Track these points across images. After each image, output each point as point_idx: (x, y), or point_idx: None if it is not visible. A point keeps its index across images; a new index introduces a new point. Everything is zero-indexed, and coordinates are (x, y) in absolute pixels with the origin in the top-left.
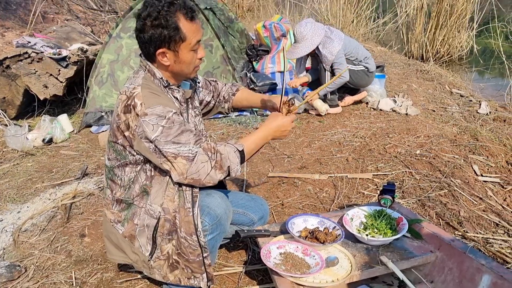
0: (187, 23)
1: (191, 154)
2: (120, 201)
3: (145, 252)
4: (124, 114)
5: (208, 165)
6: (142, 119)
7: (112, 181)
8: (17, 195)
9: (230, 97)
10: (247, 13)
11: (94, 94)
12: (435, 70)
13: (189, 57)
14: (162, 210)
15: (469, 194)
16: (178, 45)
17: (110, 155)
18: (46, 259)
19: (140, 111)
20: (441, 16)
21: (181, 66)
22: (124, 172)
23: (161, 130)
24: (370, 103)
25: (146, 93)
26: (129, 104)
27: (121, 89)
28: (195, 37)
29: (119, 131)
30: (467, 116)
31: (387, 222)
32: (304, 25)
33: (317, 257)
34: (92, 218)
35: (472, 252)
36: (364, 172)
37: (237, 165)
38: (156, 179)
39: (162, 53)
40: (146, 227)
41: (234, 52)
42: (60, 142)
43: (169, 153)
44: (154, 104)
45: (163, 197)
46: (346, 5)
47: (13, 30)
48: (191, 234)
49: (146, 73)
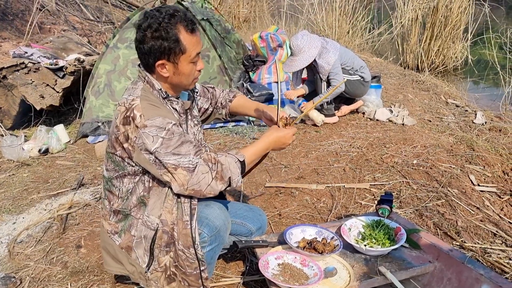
0: (188, 35)
1: (192, 165)
2: (117, 212)
3: (142, 264)
4: (123, 125)
5: (209, 176)
6: (141, 131)
7: (110, 192)
8: (12, 206)
9: (227, 103)
10: (243, 23)
11: (90, 105)
12: (430, 81)
13: (189, 69)
14: (160, 222)
15: (466, 204)
16: (178, 57)
17: (109, 166)
18: (42, 270)
19: (139, 122)
20: (436, 27)
21: (180, 78)
22: (123, 183)
23: (161, 142)
24: (367, 113)
25: (145, 104)
26: (128, 116)
27: (120, 100)
28: (195, 49)
29: (118, 142)
30: (463, 126)
31: (385, 232)
32: (300, 37)
33: (316, 268)
34: (88, 228)
35: (470, 262)
36: (361, 182)
37: (238, 176)
38: (154, 190)
39: (161, 65)
40: (143, 239)
41: (231, 62)
42: (56, 153)
43: (169, 164)
44: (153, 116)
45: (161, 209)
46: (341, 16)
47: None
48: (189, 247)
49: (145, 84)
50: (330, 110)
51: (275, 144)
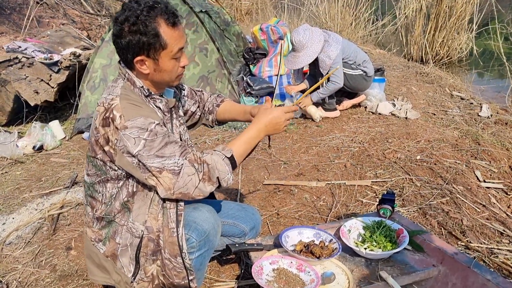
0: (168, 30)
1: (177, 168)
2: (101, 219)
3: (127, 273)
4: (102, 127)
5: (195, 178)
6: (122, 133)
7: (93, 198)
8: (3, 206)
9: (214, 108)
10: (245, 16)
11: (86, 100)
12: (435, 73)
13: (170, 65)
14: (145, 229)
15: (471, 201)
16: (158, 52)
17: (90, 170)
18: (30, 274)
19: (119, 124)
20: (440, 18)
21: (162, 75)
22: (105, 188)
23: (144, 144)
24: (369, 107)
25: (125, 104)
26: (107, 117)
27: (99, 100)
28: (177, 45)
29: (98, 145)
30: (468, 119)
31: (386, 234)
32: (302, 32)
33: (312, 273)
34: (79, 229)
35: (477, 267)
36: (362, 179)
37: (228, 174)
38: (139, 195)
39: (140, 61)
40: (128, 247)
41: (231, 55)
42: (51, 149)
43: (153, 167)
44: (134, 116)
45: (146, 215)
46: (344, 8)
47: (7, 35)
48: (176, 256)
49: (126, 82)
50: (331, 104)
51: (266, 128)
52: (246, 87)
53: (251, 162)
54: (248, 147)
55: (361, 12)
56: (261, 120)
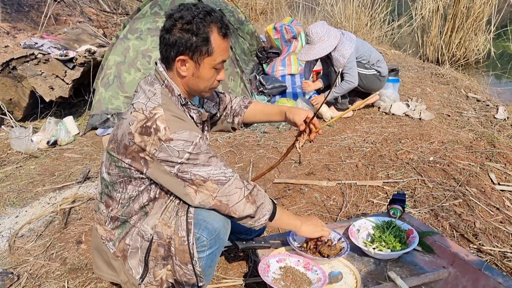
0: (219, 39)
1: (224, 178)
2: (115, 219)
3: (135, 275)
4: (140, 135)
5: (241, 193)
6: (166, 144)
7: (109, 197)
8: (17, 199)
9: (242, 110)
10: (260, 15)
11: (100, 96)
12: (450, 74)
13: (209, 74)
14: (155, 234)
15: (485, 204)
16: (202, 58)
17: (112, 170)
18: (40, 266)
19: (164, 135)
20: (458, 19)
21: (198, 82)
22: (126, 189)
23: (188, 156)
24: (382, 107)
25: (170, 116)
26: (149, 126)
27: (135, 104)
28: (222, 56)
29: (129, 150)
30: (483, 121)
31: (396, 234)
32: (320, 26)
33: (320, 272)
34: (90, 224)
35: (488, 269)
36: (374, 179)
37: (267, 211)
38: (159, 201)
39: (182, 61)
40: (138, 249)
41: (244, 54)
42: (65, 145)
43: (198, 175)
44: (180, 129)
45: (157, 220)
46: (360, 8)
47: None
48: (186, 264)
49: (164, 88)
50: (344, 104)
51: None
52: (258, 85)
53: (261, 160)
54: (285, 225)
55: (376, 12)
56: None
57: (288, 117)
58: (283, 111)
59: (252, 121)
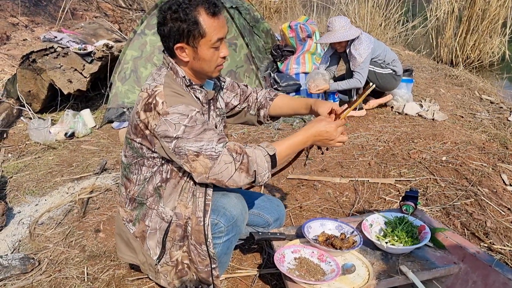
0: (208, 19)
1: (215, 153)
2: (133, 200)
3: (153, 256)
4: (144, 112)
5: (231, 167)
6: (163, 118)
7: (127, 179)
8: (36, 188)
9: (268, 103)
10: (275, 14)
11: (116, 90)
12: (464, 76)
13: (209, 54)
14: (174, 215)
15: (496, 204)
16: (197, 41)
17: (127, 152)
18: (60, 253)
19: (161, 109)
20: (473, 21)
21: (201, 64)
22: (141, 170)
23: (183, 130)
24: (395, 107)
25: (168, 91)
26: (150, 102)
27: (142, 86)
28: (217, 34)
29: (138, 129)
30: (497, 123)
31: (408, 229)
32: (342, 17)
33: (333, 264)
34: (108, 213)
35: (498, 266)
36: (386, 177)
37: (265, 170)
38: (171, 182)
39: (180, 48)
40: (157, 230)
41: (259, 51)
42: (82, 137)
43: (191, 151)
44: (176, 103)
45: (176, 201)
46: (374, 8)
47: (42, 25)
48: (201, 244)
49: (169, 71)
50: None
51: (315, 138)
52: (273, 83)
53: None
54: (292, 152)
55: (391, 13)
56: (313, 128)
57: (313, 109)
58: (309, 104)
59: (278, 113)
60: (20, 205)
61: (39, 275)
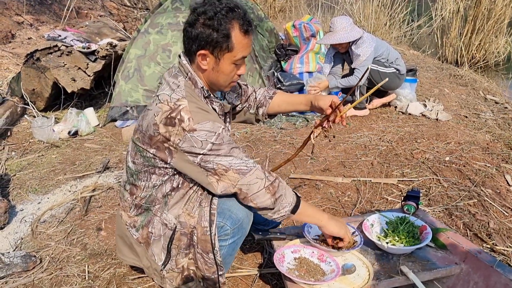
0: (240, 35)
1: (246, 168)
2: (139, 206)
3: (158, 261)
4: (165, 125)
5: (261, 183)
6: (190, 134)
7: (134, 185)
8: (39, 186)
9: (267, 101)
10: (279, 13)
11: (120, 89)
12: (469, 75)
13: (229, 69)
14: (178, 223)
15: (500, 205)
16: (223, 53)
17: (137, 159)
18: (62, 251)
19: (187, 126)
20: (478, 21)
21: (218, 76)
22: (150, 178)
23: (211, 147)
24: (399, 106)
25: (194, 108)
26: (173, 117)
27: (160, 95)
28: (242, 52)
29: (154, 140)
30: (501, 123)
31: (409, 230)
32: (344, 18)
33: (333, 264)
34: (109, 212)
35: (500, 266)
36: (388, 177)
37: (288, 205)
38: (180, 191)
39: (203, 55)
40: (161, 237)
41: (263, 51)
42: (85, 135)
43: (220, 165)
44: (203, 120)
45: (181, 209)
46: (379, 8)
47: (47, 24)
48: (208, 253)
49: (187, 81)
50: (361, 102)
51: (330, 221)
52: (276, 82)
53: (278, 155)
54: (309, 219)
55: (396, 12)
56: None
57: (314, 104)
58: (309, 99)
59: (276, 111)
60: (22, 203)
61: (40, 273)
